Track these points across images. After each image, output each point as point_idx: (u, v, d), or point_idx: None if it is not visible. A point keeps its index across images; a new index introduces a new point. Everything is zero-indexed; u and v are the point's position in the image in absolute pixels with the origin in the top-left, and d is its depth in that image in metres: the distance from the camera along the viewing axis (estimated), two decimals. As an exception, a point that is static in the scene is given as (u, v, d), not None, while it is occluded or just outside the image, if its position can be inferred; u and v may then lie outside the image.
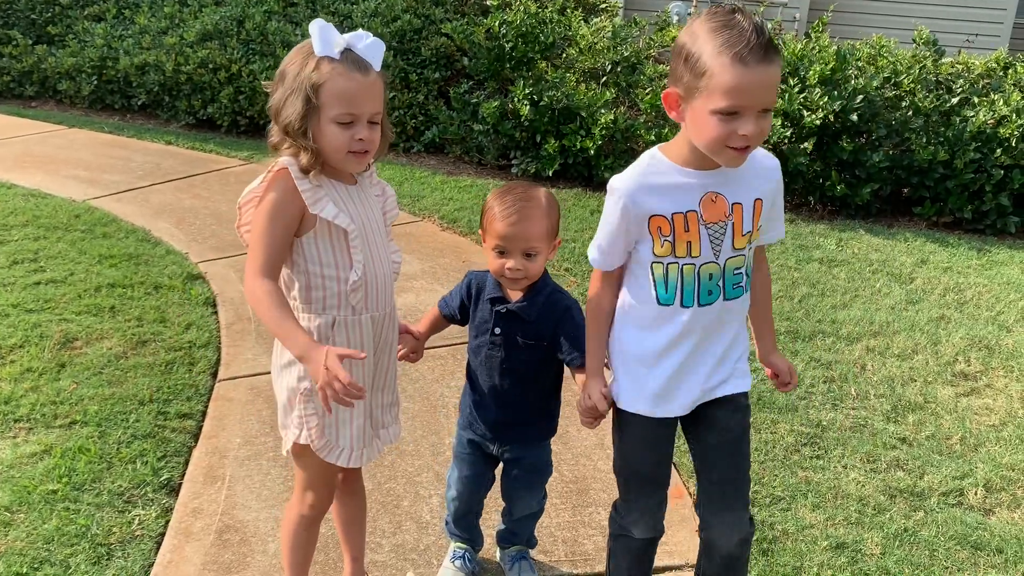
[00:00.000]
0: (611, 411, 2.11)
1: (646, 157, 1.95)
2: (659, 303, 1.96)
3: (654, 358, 2.01)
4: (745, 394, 2.09)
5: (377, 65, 1.88)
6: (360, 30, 1.90)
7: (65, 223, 4.92)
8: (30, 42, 7.94)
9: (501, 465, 2.40)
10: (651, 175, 1.91)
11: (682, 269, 1.92)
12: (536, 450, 2.35)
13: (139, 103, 7.61)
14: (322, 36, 1.83)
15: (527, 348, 2.18)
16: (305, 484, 2.12)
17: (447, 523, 2.53)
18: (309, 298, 1.96)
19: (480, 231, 2.21)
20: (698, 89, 1.76)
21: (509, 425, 2.27)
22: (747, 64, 1.70)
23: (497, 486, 2.45)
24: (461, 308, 2.29)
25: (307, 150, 1.85)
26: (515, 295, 2.19)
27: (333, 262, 1.93)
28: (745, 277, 1.98)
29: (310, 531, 2.21)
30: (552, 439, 2.40)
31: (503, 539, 2.53)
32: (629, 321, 2.04)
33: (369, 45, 1.87)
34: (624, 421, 2.12)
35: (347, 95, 1.82)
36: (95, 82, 7.62)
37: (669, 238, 1.90)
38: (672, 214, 1.89)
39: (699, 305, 1.94)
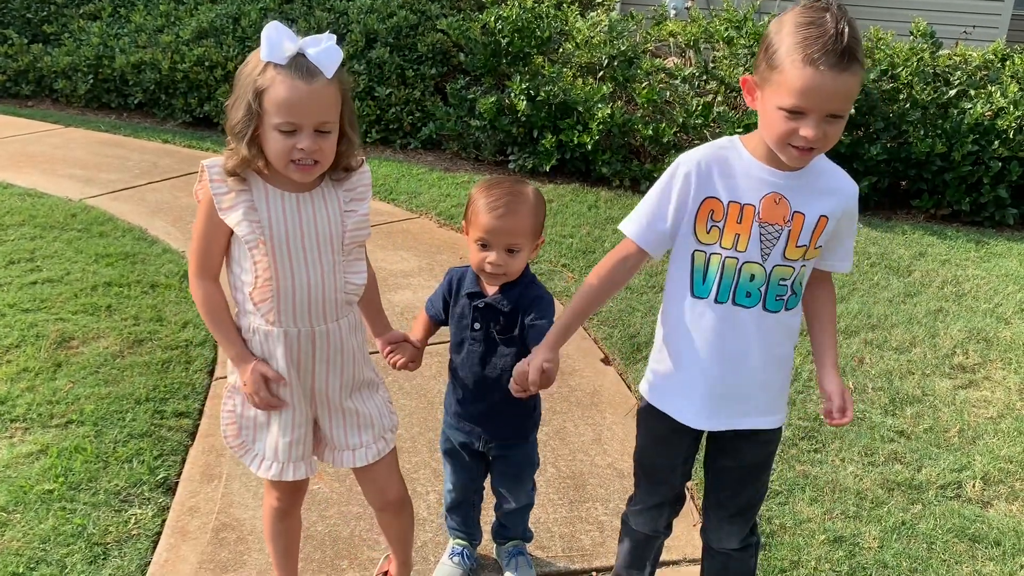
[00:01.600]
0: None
1: (723, 139, 1.91)
2: (692, 295, 1.91)
3: (680, 354, 1.97)
4: (773, 429, 2.02)
5: (328, 72, 1.78)
6: (325, 34, 1.81)
7: (61, 222, 4.91)
8: (26, 41, 7.92)
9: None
10: (722, 157, 1.86)
11: (724, 262, 1.86)
12: (522, 445, 2.35)
13: (135, 101, 7.60)
14: (269, 40, 1.75)
15: (505, 341, 2.18)
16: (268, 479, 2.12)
17: (445, 516, 2.53)
18: (236, 299, 1.96)
19: (463, 222, 2.19)
20: (769, 81, 1.74)
21: (493, 420, 2.27)
22: (817, 68, 1.65)
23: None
24: (445, 306, 2.28)
25: (239, 153, 1.79)
26: (492, 289, 2.18)
27: (249, 268, 1.88)
28: (791, 293, 1.89)
29: (284, 522, 2.22)
30: (549, 435, 2.40)
31: (498, 534, 2.53)
32: (668, 311, 1.99)
33: (322, 51, 1.77)
34: (645, 411, 2.10)
35: (287, 103, 1.74)
36: (91, 81, 7.60)
37: (719, 224, 1.85)
38: (729, 201, 1.84)
39: (734, 303, 1.87)
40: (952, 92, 5.96)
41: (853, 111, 5.72)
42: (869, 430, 3.33)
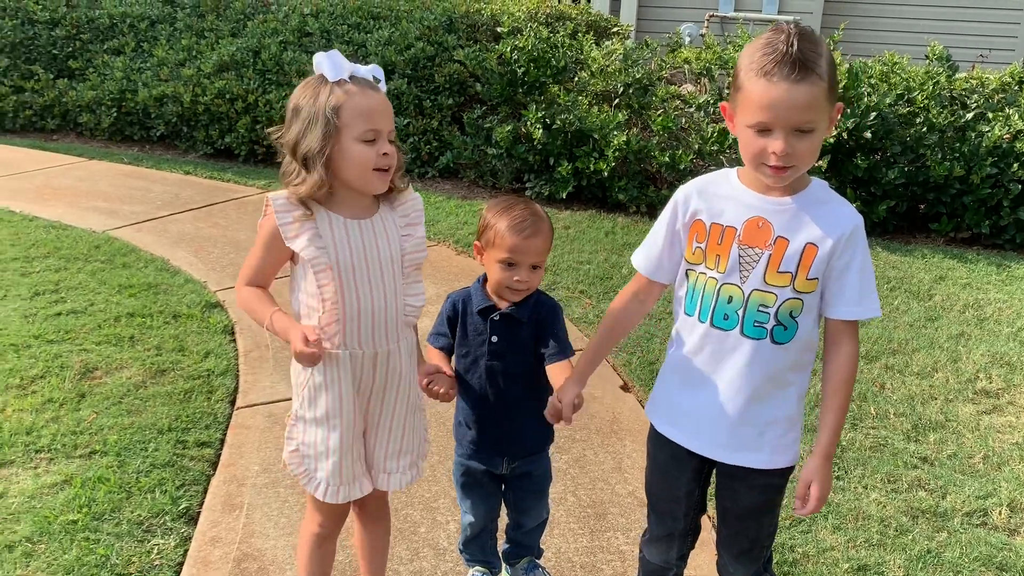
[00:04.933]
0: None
1: (717, 171, 1.96)
2: (685, 312, 1.96)
3: (673, 371, 2.02)
4: (767, 472, 1.94)
5: (383, 88, 1.94)
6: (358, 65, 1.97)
7: (85, 254, 4.99)
8: (52, 76, 8.08)
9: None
10: (712, 184, 1.93)
11: (707, 282, 1.90)
12: (543, 456, 2.38)
13: (158, 134, 7.72)
14: (332, 62, 1.87)
15: (523, 350, 2.21)
16: (312, 505, 2.17)
17: (461, 549, 2.53)
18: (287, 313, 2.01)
19: (477, 244, 2.23)
20: (737, 103, 1.78)
21: (514, 437, 2.28)
22: (770, 79, 1.69)
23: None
24: (452, 330, 2.29)
25: (311, 178, 1.88)
26: (503, 304, 2.21)
27: (316, 292, 1.95)
28: (776, 323, 1.84)
29: (323, 548, 2.24)
30: (569, 463, 2.41)
31: (510, 555, 2.54)
32: (675, 326, 2.03)
33: (371, 69, 1.94)
34: (649, 434, 2.12)
35: (368, 111, 1.87)
36: (115, 114, 7.74)
37: (702, 245, 1.90)
38: (711, 223, 1.88)
39: (712, 325, 1.90)
40: (969, 115, 5.95)
41: (869, 135, 5.75)
42: (892, 456, 3.30)
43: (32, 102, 8.02)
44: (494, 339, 2.20)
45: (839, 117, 1.83)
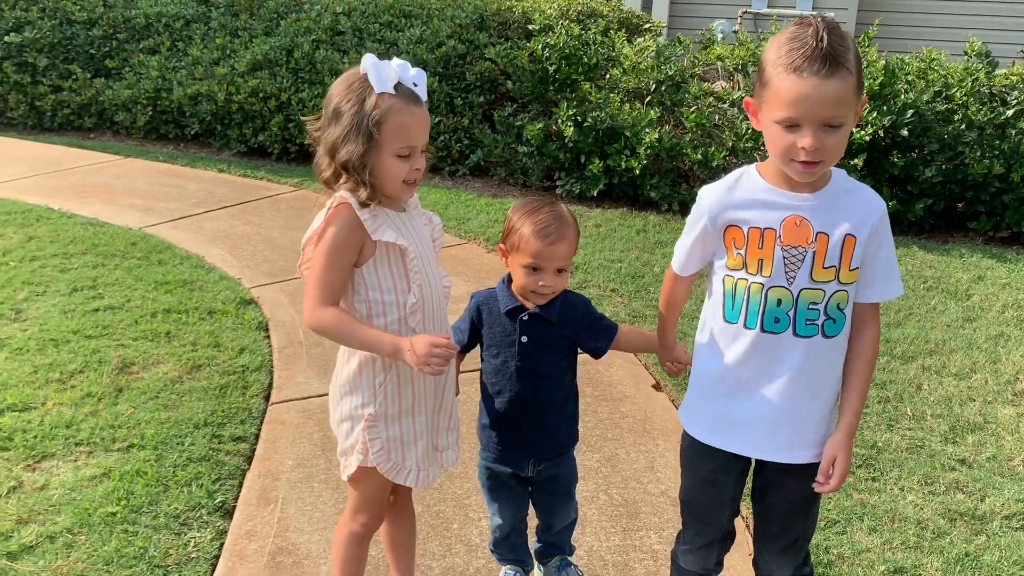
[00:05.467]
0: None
1: (738, 172, 1.93)
2: (724, 319, 1.93)
3: (716, 380, 1.97)
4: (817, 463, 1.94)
5: (424, 96, 1.95)
6: (398, 59, 1.95)
7: (122, 250, 5.06)
8: (89, 76, 8.20)
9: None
10: (737, 189, 1.90)
11: (750, 287, 1.86)
12: (570, 456, 2.37)
13: (192, 132, 7.81)
14: (378, 72, 1.88)
15: (554, 349, 2.21)
16: (358, 505, 2.17)
17: (492, 549, 2.53)
18: (375, 325, 2.00)
19: (501, 247, 2.21)
20: (764, 99, 1.77)
21: (542, 438, 2.28)
22: (800, 74, 1.67)
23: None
24: (472, 331, 2.27)
25: (366, 185, 1.90)
26: (530, 304, 2.21)
27: (393, 286, 1.98)
28: (826, 318, 1.84)
29: (361, 547, 2.25)
30: (601, 462, 2.40)
31: (543, 553, 2.53)
32: (704, 336, 2.01)
33: (415, 75, 1.94)
34: (684, 447, 2.10)
35: (407, 129, 1.90)
36: (150, 113, 7.84)
37: (741, 251, 1.87)
38: (749, 228, 1.86)
39: (763, 330, 1.87)
40: (1009, 112, 5.85)
41: (906, 133, 5.67)
42: (929, 458, 3.25)
43: (70, 101, 8.15)
44: (524, 339, 2.19)
45: (863, 111, 1.82)
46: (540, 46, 6.73)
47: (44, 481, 2.93)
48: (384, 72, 1.88)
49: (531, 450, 2.29)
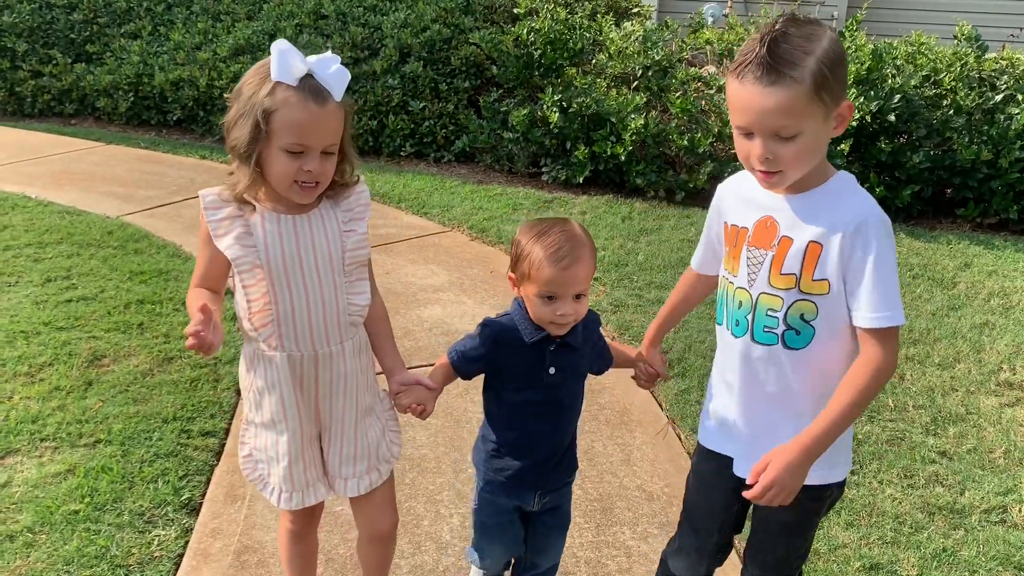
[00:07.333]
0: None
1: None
2: (716, 320, 1.91)
3: (714, 383, 1.96)
4: (809, 488, 1.72)
5: (338, 95, 1.77)
6: (329, 54, 1.79)
7: (98, 240, 4.98)
8: (69, 61, 8.08)
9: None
10: (744, 181, 1.84)
11: (727, 286, 1.83)
12: (570, 488, 2.22)
13: (174, 118, 7.71)
14: (280, 60, 1.72)
15: (578, 377, 2.07)
16: None
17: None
18: (241, 326, 1.94)
19: (511, 275, 1.98)
20: (727, 104, 1.72)
21: (555, 469, 2.11)
22: (742, 81, 1.60)
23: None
24: (486, 363, 2.03)
25: (247, 175, 1.78)
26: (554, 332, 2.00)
27: (245, 295, 1.87)
28: (787, 328, 1.71)
29: (299, 545, 2.21)
30: (577, 455, 2.29)
31: None
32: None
33: (333, 73, 1.76)
34: (696, 447, 2.06)
35: (299, 125, 1.73)
36: (132, 98, 7.73)
37: (727, 249, 1.85)
38: (731, 225, 1.82)
39: (731, 332, 1.83)
40: (998, 97, 5.79)
41: (893, 118, 5.60)
42: (909, 450, 3.21)
43: (50, 87, 8.04)
44: (552, 370, 1.98)
45: (852, 115, 1.71)
46: (525, 30, 6.65)
47: (7, 478, 2.88)
48: (288, 61, 1.72)
49: (543, 481, 2.11)
